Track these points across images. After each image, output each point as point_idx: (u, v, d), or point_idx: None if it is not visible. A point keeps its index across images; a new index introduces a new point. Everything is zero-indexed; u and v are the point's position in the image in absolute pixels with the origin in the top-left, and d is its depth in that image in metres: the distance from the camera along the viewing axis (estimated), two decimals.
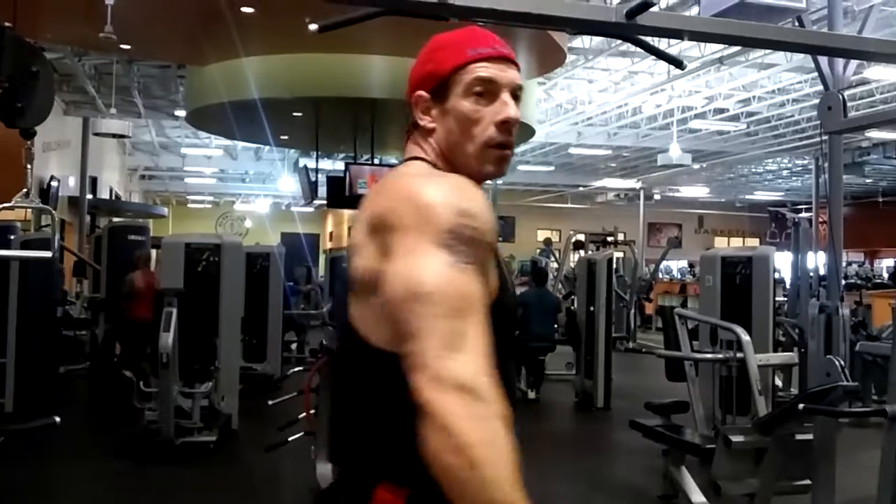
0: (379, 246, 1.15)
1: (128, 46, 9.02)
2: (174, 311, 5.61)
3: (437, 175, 1.24)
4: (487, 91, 1.29)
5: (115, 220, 15.03)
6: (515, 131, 1.34)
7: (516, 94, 1.32)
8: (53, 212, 5.24)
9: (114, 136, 13.16)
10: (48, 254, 4.87)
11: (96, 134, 12.92)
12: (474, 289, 1.09)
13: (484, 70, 1.29)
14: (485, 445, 0.99)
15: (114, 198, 19.27)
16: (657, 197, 26.14)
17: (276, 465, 5.45)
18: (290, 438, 5.05)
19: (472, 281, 1.09)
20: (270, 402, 5.49)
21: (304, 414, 4.85)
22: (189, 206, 30.45)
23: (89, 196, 14.80)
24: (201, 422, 5.94)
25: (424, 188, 1.15)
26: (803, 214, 16.72)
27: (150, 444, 5.71)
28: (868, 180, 21.46)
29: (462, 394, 1.00)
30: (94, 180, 15.73)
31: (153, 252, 11.54)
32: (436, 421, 1.00)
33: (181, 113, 13.66)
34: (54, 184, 12.58)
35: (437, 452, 1.00)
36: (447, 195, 1.13)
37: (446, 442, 0.99)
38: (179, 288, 6.10)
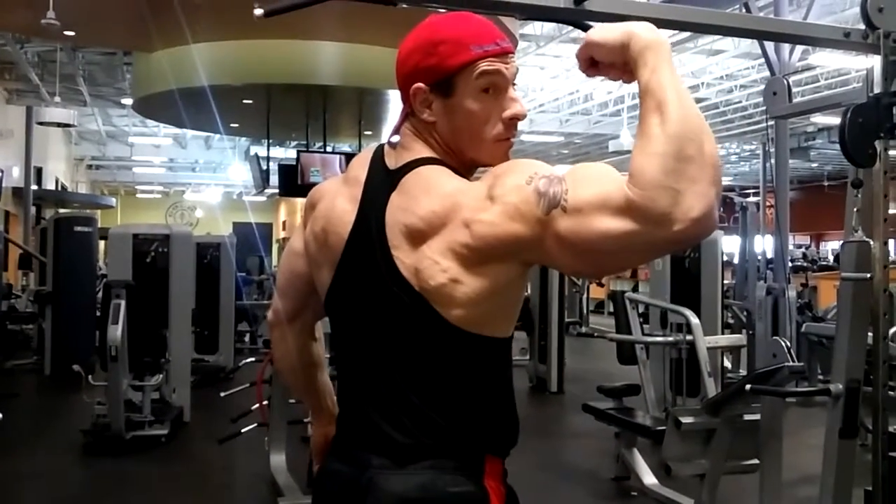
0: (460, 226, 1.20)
1: (72, 33, 8.81)
2: (122, 303, 5.51)
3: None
4: (493, 87, 1.29)
5: (62, 211, 14.74)
6: None
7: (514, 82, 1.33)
8: None
9: (58, 125, 12.86)
10: None
11: (40, 123, 12.64)
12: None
13: (490, 67, 1.28)
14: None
15: (60, 188, 18.90)
16: None
17: (229, 457, 5.40)
18: (243, 430, 5.00)
19: None
20: (223, 394, 5.43)
21: (256, 405, 4.82)
22: (138, 196, 29.93)
23: (34, 187, 14.49)
24: (152, 415, 5.85)
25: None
26: (751, 199, 16.99)
27: (100, 438, 5.61)
28: (814, 165, 21.87)
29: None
30: (38, 171, 15.40)
31: (101, 243, 11.34)
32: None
33: (128, 101, 13.41)
34: None
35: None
36: None
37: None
38: (127, 279, 5.99)
